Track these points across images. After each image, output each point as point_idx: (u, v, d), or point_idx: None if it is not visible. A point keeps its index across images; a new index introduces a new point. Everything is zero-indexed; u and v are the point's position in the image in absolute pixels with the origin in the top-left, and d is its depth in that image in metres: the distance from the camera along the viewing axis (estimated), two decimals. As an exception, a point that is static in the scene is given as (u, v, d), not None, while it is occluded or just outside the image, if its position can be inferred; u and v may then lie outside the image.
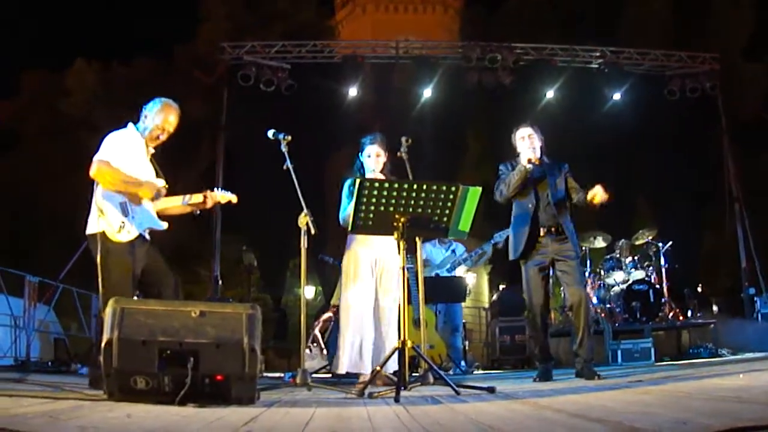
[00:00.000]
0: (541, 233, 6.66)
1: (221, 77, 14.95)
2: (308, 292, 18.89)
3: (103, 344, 3.79)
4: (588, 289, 11.76)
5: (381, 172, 6.61)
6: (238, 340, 3.92)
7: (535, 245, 6.68)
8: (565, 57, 14.73)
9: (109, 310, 3.85)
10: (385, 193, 4.88)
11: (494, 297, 16.52)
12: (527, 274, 6.74)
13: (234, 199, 6.07)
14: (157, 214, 5.57)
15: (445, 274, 10.03)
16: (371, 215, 4.96)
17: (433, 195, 4.94)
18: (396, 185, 4.95)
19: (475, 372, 11.07)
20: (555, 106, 14.79)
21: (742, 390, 3.94)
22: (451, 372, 9.46)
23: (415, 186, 4.94)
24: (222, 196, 5.99)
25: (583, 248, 12.18)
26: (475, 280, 17.57)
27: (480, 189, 5.06)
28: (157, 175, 5.63)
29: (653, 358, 10.50)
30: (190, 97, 15.20)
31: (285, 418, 3.39)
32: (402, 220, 4.94)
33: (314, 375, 8.66)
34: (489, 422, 3.00)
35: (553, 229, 6.65)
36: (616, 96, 14.79)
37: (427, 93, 14.60)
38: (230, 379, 3.90)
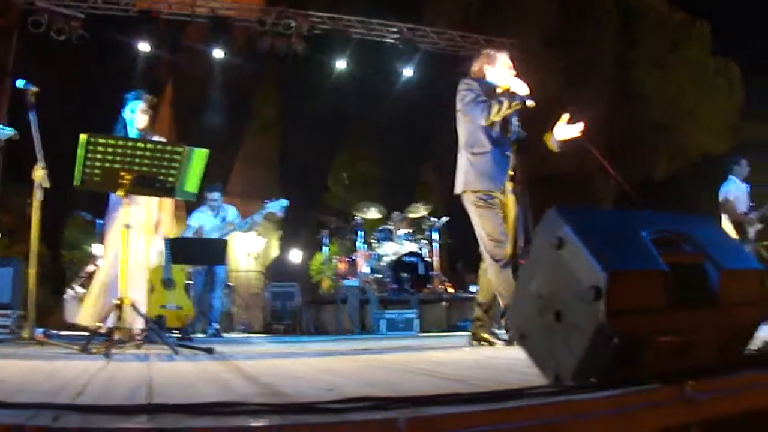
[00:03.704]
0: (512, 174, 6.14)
1: (12, 21, 14.17)
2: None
3: None
4: (360, 259, 12.02)
5: (146, 128, 6.63)
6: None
7: (504, 182, 6.08)
8: (360, 29, 14.84)
9: None
10: (110, 150, 4.83)
11: (269, 262, 16.65)
12: (498, 203, 6.04)
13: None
14: None
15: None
16: (97, 171, 4.91)
17: (158, 154, 4.97)
18: (121, 142, 4.93)
19: (241, 335, 11.19)
20: (347, 78, 14.95)
21: (438, 364, 4.13)
22: (204, 334, 9.55)
23: (140, 144, 4.97)
24: None
25: (356, 218, 12.46)
26: (265, 245, 17.60)
27: (206, 151, 5.11)
28: None
29: (417, 328, 10.85)
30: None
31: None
32: (128, 177, 4.93)
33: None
34: (161, 379, 3.05)
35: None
36: (407, 71, 15.07)
37: (219, 54, 14.39)
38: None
